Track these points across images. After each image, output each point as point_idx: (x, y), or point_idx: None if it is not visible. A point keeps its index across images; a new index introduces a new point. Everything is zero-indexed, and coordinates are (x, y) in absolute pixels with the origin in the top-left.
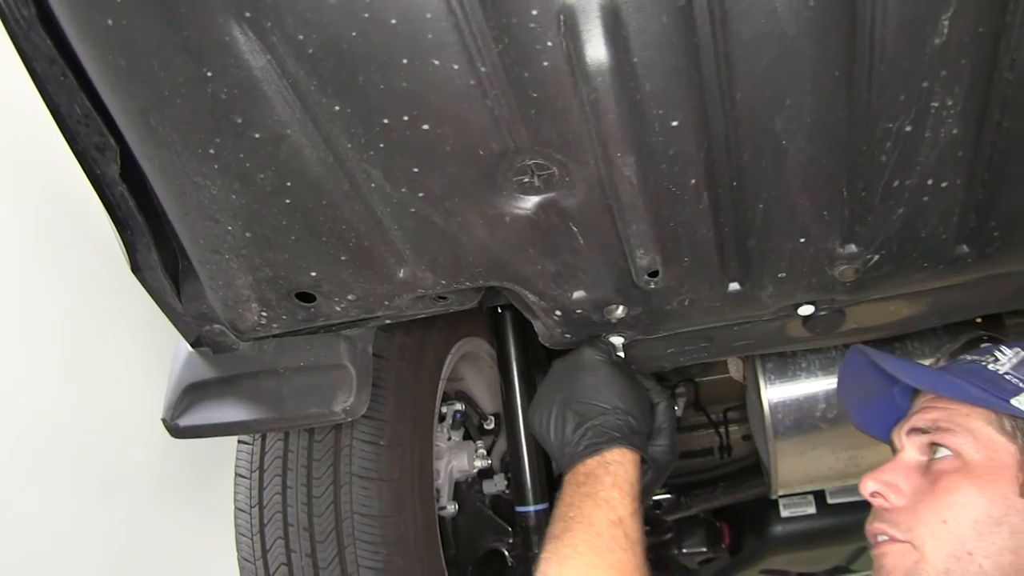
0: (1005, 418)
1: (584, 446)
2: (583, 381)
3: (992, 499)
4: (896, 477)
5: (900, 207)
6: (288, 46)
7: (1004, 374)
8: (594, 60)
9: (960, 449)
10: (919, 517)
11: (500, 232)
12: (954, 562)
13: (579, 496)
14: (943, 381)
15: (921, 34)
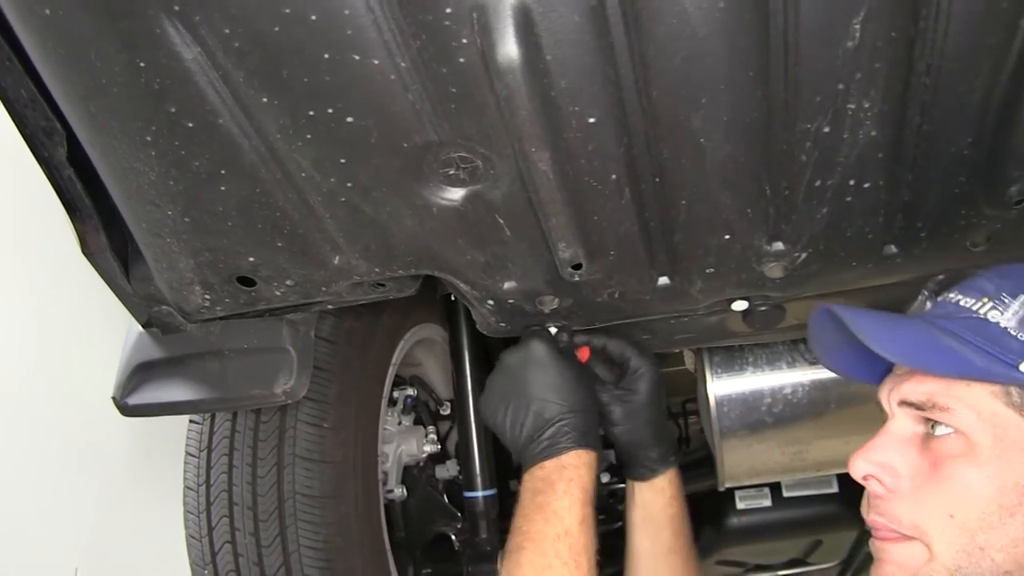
0: (1012, 387)
1: (542, 447)
2: (536, 378)
3: (1003, 486)
4: (890, 455)
5: (824, 206)
6: (216, 39)
7: (1008, 329)
8: (505, 57)
9: (964, 428)
10: (923, 509)
11: (428, 222)
12: (965, 558)
13: (533, 507)
14: (937, 353)
15: (833, 37)
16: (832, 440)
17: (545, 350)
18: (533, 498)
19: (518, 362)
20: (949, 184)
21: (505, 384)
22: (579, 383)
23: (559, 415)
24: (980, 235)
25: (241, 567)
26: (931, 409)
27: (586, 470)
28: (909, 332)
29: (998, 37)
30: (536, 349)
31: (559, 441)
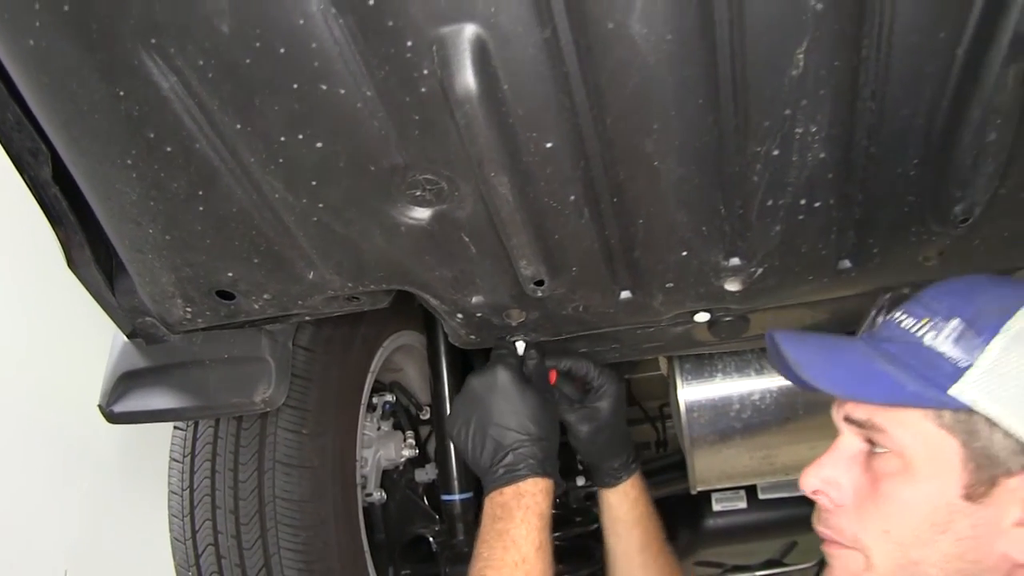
0: (945, 411)
1: (501, 473)
2: (498, 404)
3: (935, 506)
4: (836, 472)
5: (777, 224)
6: (191, 70)
7: (942, 352)
8: (463, 88)
9: (899, 449)
10: (863, 524)
11: (397, 240)
12: (900, 571)
13: (493, 534)
14: (868, 381)
15: (778, 66)
16: (800, 445)
17: (509, 376)
18: (493, 524)
19: (482, 387)
20: (898, 203)
21: (469, 408)
22: (541, 411)
23: (518, 443)
24: (931, 250)
25: (224, 569)
26: (870, 429)
27: (543, 497)
28: (847, 361)
29: (937, 66)
30: (501, 375)
31: (517, 468)
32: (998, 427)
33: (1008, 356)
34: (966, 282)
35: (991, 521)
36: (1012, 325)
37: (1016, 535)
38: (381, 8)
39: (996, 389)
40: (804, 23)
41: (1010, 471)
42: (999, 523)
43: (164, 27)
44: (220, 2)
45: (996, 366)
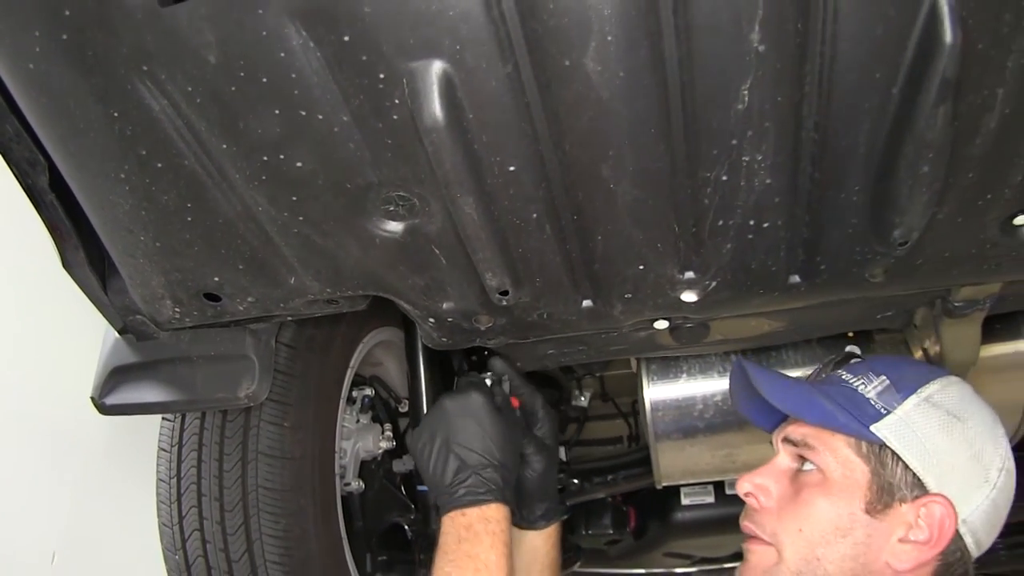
0: (863, 442)
1: (463, 493)
2: (469, 427)
3: (841, 513)
4: (768, 481)
5: (728, 242)
6: (180, 95)
7: (870, 399)
8: (431, 118)
9: (822, 466)
10: (781, 523)
11: (372, 251)
12: (805, 564)
13: (461, 555)
14: (812, 406)
15: (724, 101)
16: (760, 445)
17: (482, 402)
18: (459, 545)
19: (454, 407)
20: (842, 225)
21: (437, 425)
22: (507, 440)
23: (482, 466)
24: (877, 268)
25: (208, 553)
26: (803, 447)
27: (506, 524)
28: (797, 390)
29: (874, 103)
30: (474, 399)
31: (480, 490)
32: (900, 462)
33: (917, 411)
34: (895, 359)
35: (882, 534)
36: (924, 391)
37: (899, 548)
38: (355, 44)
39: (905, 433)
40: (748, 63)
41: (904, 498)
42: (888, 537)
43: (155, 56)
44: (207, 36)
45: (907, 417)
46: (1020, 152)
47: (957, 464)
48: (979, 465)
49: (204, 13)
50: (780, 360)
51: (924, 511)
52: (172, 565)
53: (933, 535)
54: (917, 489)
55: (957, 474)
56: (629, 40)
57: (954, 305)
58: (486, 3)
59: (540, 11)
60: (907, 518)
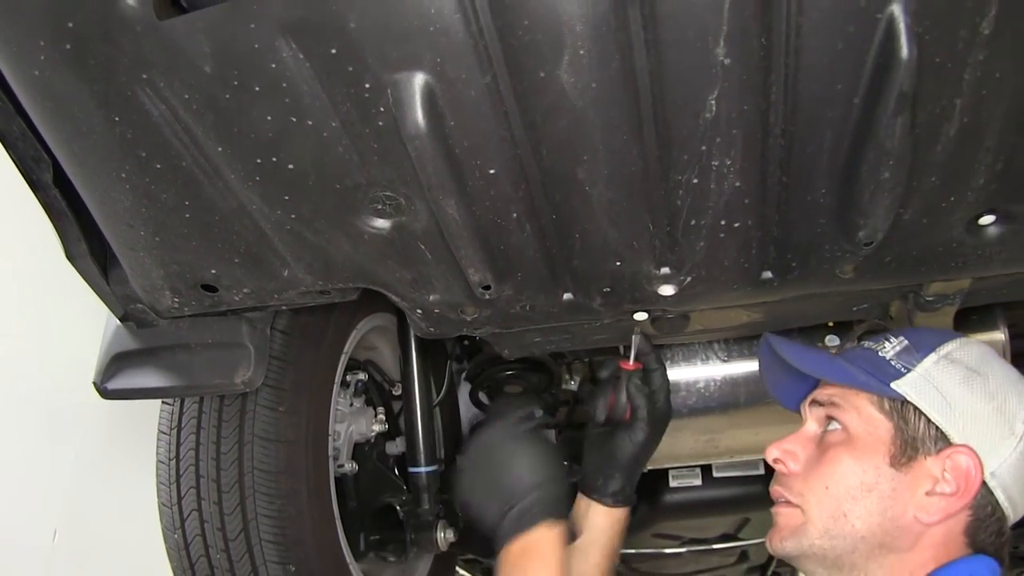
0: (885, 399)
1: (509, 529)
2: (504, 462)
3: (866, 469)
4: (795, 447)
5: (701, 241)
6: (178, 101)
7: (889, 359)
8: (414, 126)
9: (847, 423)
10: (808, 484)
11: (361, 247)
12: (832, 522)
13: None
14: (833, 368)
15: (693, 110)
16: (742, 431)
17: (511, 430)
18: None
19: (490, 441)
20: (810, 226)
21: (477, 463)
22: (547, 457)
23: (524, 492)
24: (846, 265)
25: (206, 532)
26: (829, 406)
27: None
28: (821, 357)
29: (837, 112)
30: (506, 428)
31: (525, 519)
32: (923, 416)
33: (936, 367)
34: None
35: (908, 487)
36: (942, 349)
37: (926, 501)
38: (342, 56)
39: (925, 388)
40: (715, 75)
41: (928, 452)
42: (914, 490)
43: (154, 65)
44: (203, 47)
45: (927, 373)
46: (980, 158)
47: (980, 416)
48: (1003, 417)
49: (200, 26)
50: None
51: (949, 463)
52: (171, 543)
53: (960, 486)
54: (941, 442)
55: (981, 425)
56: (601, 54)
57: (925, 299)
58: (465, 19)
59: (516, 27)
60: (933, 471)
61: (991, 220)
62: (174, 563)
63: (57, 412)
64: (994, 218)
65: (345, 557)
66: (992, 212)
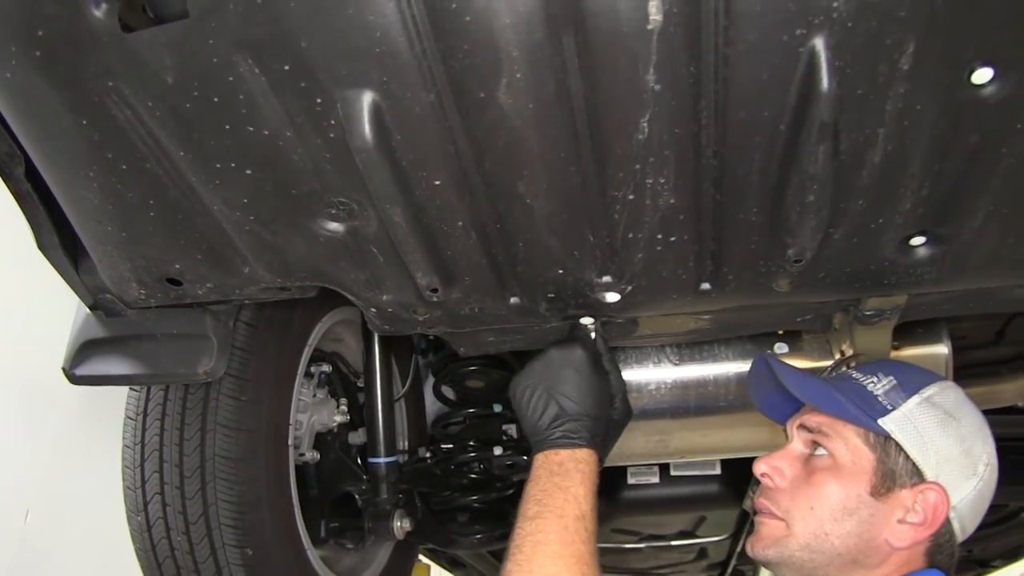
0: (871, 433)
1: (559, 435)
2: (570, 378)
3: (849, 495)
4: (783, 464)
5: (639, 253)
6: (142, 108)
7: (877, 395)
8: (361, 139)
9: (834, 452)
10: (794, 501)
11: (317, 248)
12: (813, 538)
13: (552, 485)
14: (829, 399)
15: (626, 132)
16: (692, 433)
17: (586, 356)
18: (551, 478)
19: (560, 358)
20: (745, 242)
21: (542, 372)
22: (604, 394)
23: (579, 415)
24: (782, 280)
25: (168, 515)
26: (817, 434)
27: (596, 468)
28: (816, 384)
29: (764, 137)
30: (578, 353)
31: (575, 436)
32: (902, 452)
33: (919, 409)
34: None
35: (884, 515)
36: (925, 392)
37: (897, 528)
38: (295, 73)
39: (907, 428)
40: (646, 100)
41: (904, 484)
42: (889, 518)
43: (119, 74)
44: (165, 60)
45: (910, 413)
46: (906, 183)
47: (951, 457)
48: (969, 459)
49: (162, 41)
50: (713, 354)
51: (921, 497)
52: (135, 525)
53: (928, 518)
54: (916, 477)
55: (951, 466)
56: (536, 78)
57: (864, 314)
58: (409, 42)
59: (456, 50)
60: (906, 502)
61: (922, 241)
62: (137, 544)
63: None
64: (924, 239)
65: (303, 542)
66: (923, 234)
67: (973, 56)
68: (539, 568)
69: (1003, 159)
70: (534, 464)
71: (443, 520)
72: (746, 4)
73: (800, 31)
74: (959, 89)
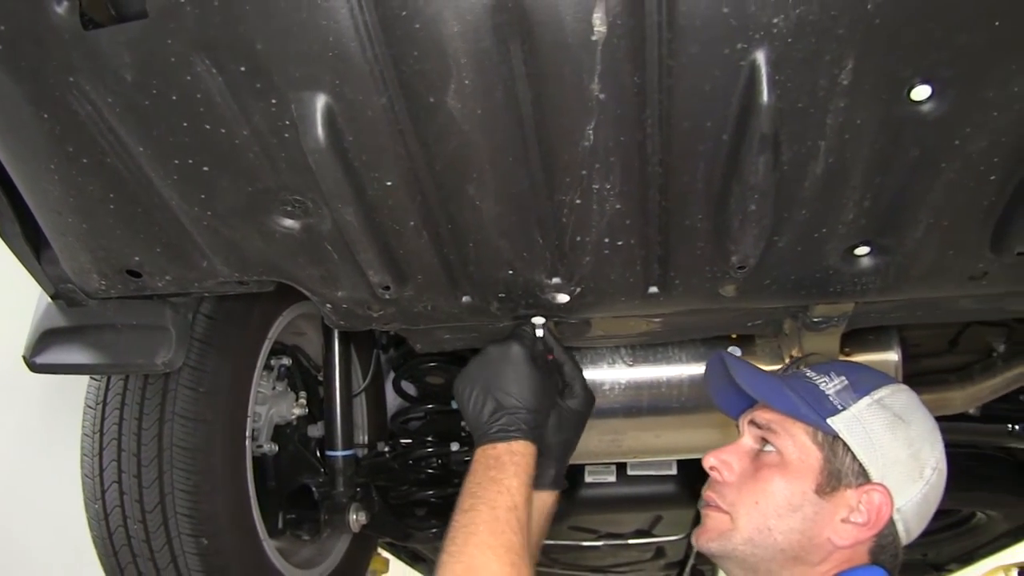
0: (819, 431)
1: (496, 430)
2: (507, 374)
3: (794, 492)
4: (732, 458)
5: (587, 256)
6: (102, 104)
7: (829, 395)
8: (314, 140)
9: (782, 449)
10: (740, 495)
11: (273, 244)
12: (757, 533)
13: (486, 479)
14: (780, 396)
15: (573, 138)
16: (644, 433)
17: (523, 352)
18: (486, 471)
19: (497, 355)
20: (691, 247)
21: (480, 370)
22: (541, 388)
23: (515, 408)
24: (728, 286)
25: (125, 503)
26: (767, 430)
27: (531, 459)
28: (768, 381)
29: (708, 146)
30: (515, 349)
31: (511, 428)
32: (849, 452)
33: (868, 410)
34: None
35: (828, 513)
36: (876, 393)
37: (840, 527)
38: (250, 74)
39: (856, 428)
40: (591, 108)
41: (849, 484)
42: (833, 516)
43: (80, 70)
44: (124, 58)
45: (859, 414)
46: (848, 195)
47: (898, 459)
48: (916, 463)
49: (122, 39)
50: (667, 356)
51: (865, 497)
52: (92, 513)
53: (871, 518)
54: (861, 477)
55: (897, 468)
56: (485, 84)
57: (812, 320)
58: (361, 46)
59: (407, 56)
60: (850, 502)
61: (866, 251)
62: (94, 532)
63: None
64: (869, 249)
65: (259, 533)
66: (867, 244)
67: (912, 74)
68: (469, 558)
69: (943, 173)
70: (473, 458)
71: (400, 514)
72: (688, 18)
73: (741, 45)
74: (898, 105)
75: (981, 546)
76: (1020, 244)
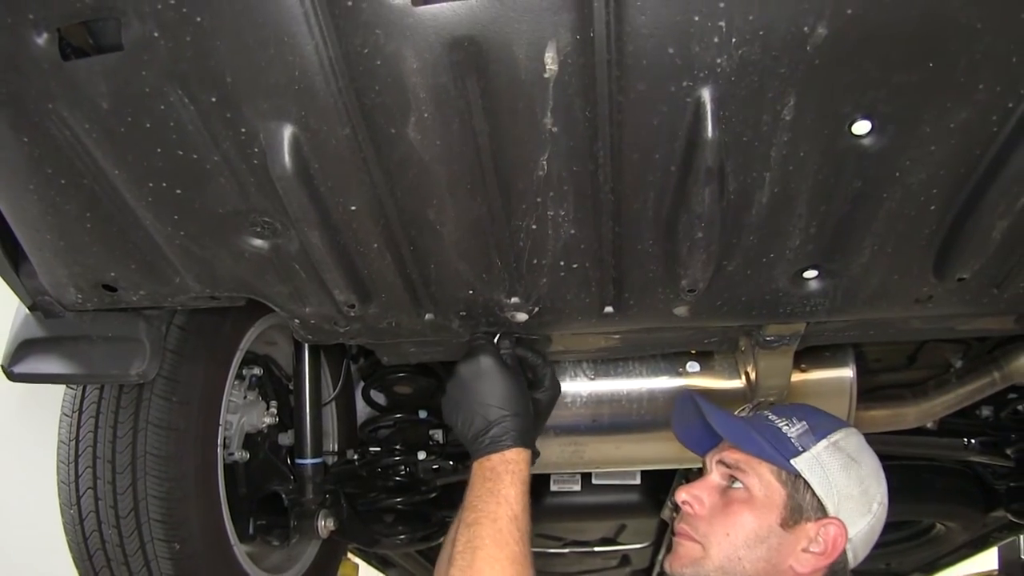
0: (783, 471)
1: (488, 443)
2: (483, 389)
3: (761, 525)
4: (703, 494)
5: (543, 277)
6: (80, 129)
7: (791, 438)
8: (280, 167)
9: (749, 486)
10: (711, 527)
11: (243, 263)
12: (728, 561)
13: (485, 491)
14: (749, 440)
15: (527, 168)
16: (605, 444)
17: (490, 362)
18: (484, 483)
19: (468, 373)
20: (643, 271)
21: (458, 392)
22: (518, 390)
23: (500, 418)
24: (681, 306)
25: (100, 509)
26: (735, 469)
27: (525, 465)
28: (737, 425)
29: (657, 176)
30: (483, 361)
31: (501, 439)
32: (810, 490)
33: (826, 452)
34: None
35: (790, 544)
36: (832, 437)
37: (801, 556)
38: (220, 104)
39: (815, 468)
40: (545, 140)
41: (809, 518)
42: (795, 547)
43: (58, 98)
44: (101, 87)
45: (818, 456)
46: (794, 222)
47: (851, 496)
48: (866, 498)
49: (98, 69)
50: (627, 370)
51: (823, 530)
52: (67, 518)
53: (828, 548)
54: (820, 512)
55: (850, 503)
56: (443, 117)
57: (765, 339)
58: (325, 80)
59: (368, 89)
60: (810, 534)
61: (814, 274)
62: (69, 537)
63: None
64: (817, 272)
65: (229, 538)
66: (815, 267)
67: (852, 109)
68: (478, 573)
69: (885, 203)
70: (471, 472)
71: (368, 520)
72: (635, 57)
73: (687, 83)
74: (840, 139)
75: (942, 556)
76: (961, 270)
